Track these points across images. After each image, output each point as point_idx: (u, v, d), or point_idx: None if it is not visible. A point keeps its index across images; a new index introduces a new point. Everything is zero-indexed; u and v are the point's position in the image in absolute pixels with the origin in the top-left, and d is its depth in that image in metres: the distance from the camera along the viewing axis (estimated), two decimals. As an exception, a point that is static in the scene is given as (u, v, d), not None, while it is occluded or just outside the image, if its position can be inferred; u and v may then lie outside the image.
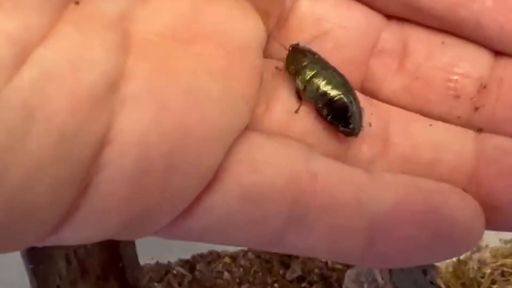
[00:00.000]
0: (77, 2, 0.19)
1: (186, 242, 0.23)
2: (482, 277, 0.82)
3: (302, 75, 0.24)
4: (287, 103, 0.24)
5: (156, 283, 0.90)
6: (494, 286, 0.83)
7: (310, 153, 0.23)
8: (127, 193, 0.20)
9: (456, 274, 0.82)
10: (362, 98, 0.25)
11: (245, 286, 0.88)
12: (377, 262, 0.24)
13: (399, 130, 0.25)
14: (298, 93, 0.25)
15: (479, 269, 0.82)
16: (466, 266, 0.82)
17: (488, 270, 0.81)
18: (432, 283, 0.74)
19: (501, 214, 0.23)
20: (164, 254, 0.92)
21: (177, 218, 0.21)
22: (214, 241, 0.23)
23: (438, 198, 0.23)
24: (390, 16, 0.26)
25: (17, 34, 0.17)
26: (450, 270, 0.82)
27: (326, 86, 0.24)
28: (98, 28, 0.19)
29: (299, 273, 0.86)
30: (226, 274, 0.88)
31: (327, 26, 0.25)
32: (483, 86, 0.25)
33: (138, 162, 0.20)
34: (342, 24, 0.25)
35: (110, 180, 0.19)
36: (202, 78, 0.21)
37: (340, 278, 0.86)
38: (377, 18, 0.26)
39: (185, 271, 0.89)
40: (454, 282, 0.81)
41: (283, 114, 0.24)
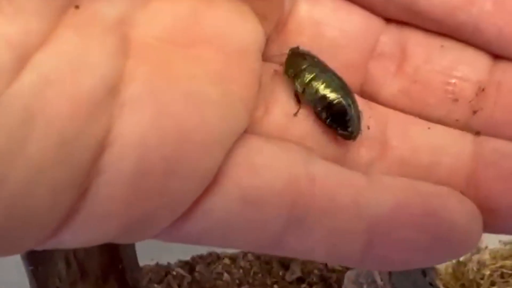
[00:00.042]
0: (77, 6, 0.19)
1: (185, 244, 0.24)
2: (482, 278, 0.82)
3: (301, 78, 0.24)
4: (286, 106, 0.25)
5: (155, 284, 0.90)
6: (493, 288, 0.83)
7: (309, 156, 0.23)
8: (127, 196, 0.20)
9: (455, 275, 0.82)
10: (361, 101, 0.25)
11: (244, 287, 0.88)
12: (376, 265, 0.24)
13: (398, 133, 0.25)
14: (297, 96, 0.25)
15: (479, 270, 0.82)
16: (465, 268, 0.82)
17: (487, 272, 0.81)
18: (431, 285, 0.74)
19: (499, 217, 0.23)
20: (163, 255, 0.92)
21: (176, 221, 0.22)
22: (214, 244, 0.23)
23: (437, 201, 0.23)
24: (389, 19, 0.26)
25: (17, 38, 0.17)
26: (450, 271, 0.82)
27: (325, 89, 0.24)
28: (98, 32, 0.19)
29: (299, 274, 0.86)
30: (226, 276, 0.87)
31: (326, 30, 0.25)
32: (482, 90, 0.25)
33: (138, 165, 0.20)
34: (341, 27, 0.25)
35: (110, 183, 0.19)
36: (201, 82, 0.21)
37: (339, 279, 0.86)
38: (376, 22, 0.26)
39: (184, 272, 0.89)
40: (453, 284, 0.81)
41: (282, 117, 0.24)
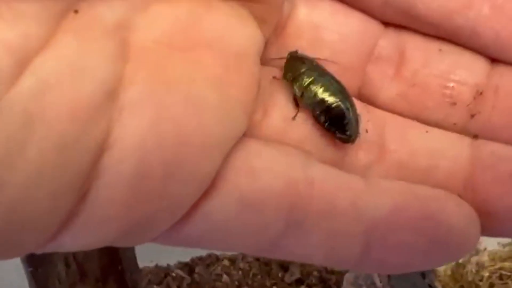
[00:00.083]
0: (76, 11, 0.19)
1: (185, 247, 0.24)
2: (481, 280, 0.82)
3: (300, 82, 0.25)
4: (285, 110, 0.25)
5: (155, 286, 0.90)
6: (492, 289, 0.83)
7: (307, 159, 0.23)
8: (126, 199, 0.20)
9: (454, 277, 0.82)
10: (359, 105, 0.25)
11: (244, 289, 0.88)
12: (374, 268, 0.24)
13: (396, 136, 0.25)
14: (296, 99, 0.25)
15: (477, 272, 0.82)
16: (464, 269, 0.82)
17: (486, 273, 0.81)
18: (430, 286, 0.74)
19: (496, 220, 0.23)
20: (163, 257, 0.92)
21: (175, 224, 0.22)
22: (212, 247, 0.23)
23: (434, 204, 0.23)
24: (387, 23, 0.26)
25: (16, 43, 0.17)
26: (449, 273, 0.82)
27: (324, 93, 0.24)
28: (97, 36, 0.19)
29: (298, 275, 0.86)
30: (225, 277, 0.87)
31: (325, 34, 0.25)
32: (479, 93, 0.25)
33: (137, 168, 0.20)
34: (339, 31, 0.25)
35: (109, 186, 0.20)
36: (200, 86, 0.21)
37: (339, 281, 0.86)
38: (374, 25, 0.26)
39: (184, 274, 0.89)
40: (452, 285, 0.81)
41: (281, 120, 0.24)
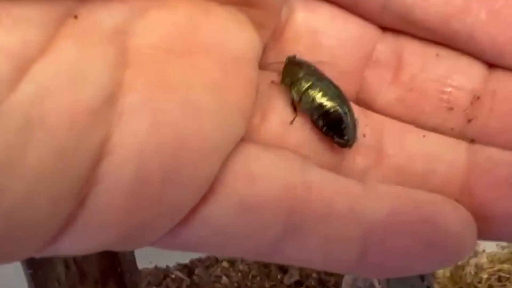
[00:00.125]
0: (75, 16, 0.19)
1: (183, 251, 0.24)
2: (479, 282, 0.82)
3: (298, 87, 0.25)
4: (283, 114, 0.25)
5: (154, 287, 0.90)
6: (491, 291, 0.83)
7: (306, 164, 0.23)
8: (126, 204, 0.20)
9: (453, 279, 0.82)
10: (357, 110, 0.25)
11: (243, 291, 0.88)
12: (371, 272, 0.24)
13: (393, 141, 0.25)
14: (294, 104, 0.25)
15: (476, 274, 0.81)
16: (463, 271, 0.82)
17: (485, 275, 0.81)
18: (429, 288, 0.74)
19: (493, 224, 0.24)
20: (162, 258, 0.92)
21: (174, 228, 0.22)
22: (211, 251, 0.24)
23: (431, 208, 0.23)
24: (385, 28, 0.26)
25: (16, 49, 0.18)
26: (447, 275, 0.82)
27: (322, 98, 0.24)
28: (96, 42, 0.19)
29: (297, 277, 0.86)
30: (224, 279, 0.87)
31: (323, 38, 0.25)
32: (477, 98, 0.25)
33: (136, 174, 0.20)
34: (337, 36, 0.25)
35: (108, 191, 0.20)
36: (198, 91, 0.21)
37: (337, 283, 0.86)
38: (372, 30, 0.26)
39: (183, 276, 0.89)
40: (451, 287, 0.81)
41: (279, 125, 0.24)
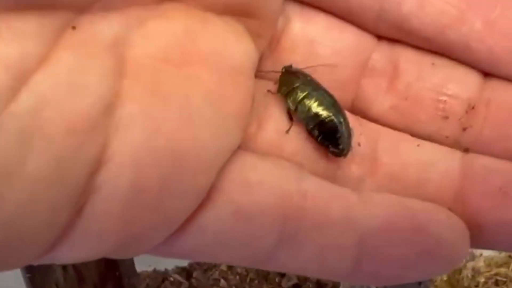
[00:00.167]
0: (74, 27, 0.20)
1: (179, 258, 0.24)
2: (476, 285, 0.82)
3: (294, 96, 0.25)
4: (279, 123, 0.25)
5: (153, 290, 0.90)
6: (488, 295, 0.83)
7: (301, 172, 0.24)
8: (123, 212, 0.20)
9: (450, 282, 0.82)
10: (352, 118, 0.25)
11: (241, 293, 0.88)
12: (366, 280, 0.24)
13: (388, 150, 0.25)
14: (290, 113, 0.25)
15: (473, 277, 0.82)
16: (460, 275, 0.82)
17: (482, 279, 0.81)
18: (426, 292, 0.75)
19: (486, 233, 0.24)
20: (161, 261, 0.92)
21: (170, 236, 0.22)
22: (207, 259, 0.24)
23: (425, 217, 0.23)
24: (381, 37, 0.26)
25: (15, 60, 0.18)
26: (445, 279, 0.82)
27: (317, 108, 0.25)
28: (95, 52, 0.20)
29: (295, 281, 0.86)
30: (223, 282, 0.87)
31: (319, 48, 0.26)
32: (472, 107, 0.25)
33: (134, 182, 0.20)
34: (333, 45, 0.26)
35: (106, 199, 0.20)
36: (195, 101, 0.21)
37: (336, 286, 0.86)
38: (368, 39, 0.26)
39: (182, 279, 0.89)
40: (448, 291, 0.82)
41: (275, 134, 0.25)
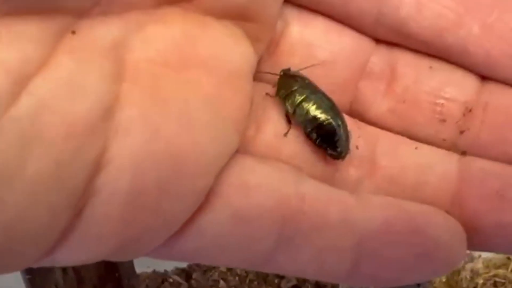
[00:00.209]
0: (73, 32, 0.20)
1: (178, 261, 0.24)
2: (475, 287, 0.82)
3: (292, 99, 0.25)
4: (277, 126, 0.25)
5: (152, 291, 0.90)
6: (487, 296, 0.83)
7: (299, 175, 0.24)
8: (122, 215, 0.20)
9: (449, 284, 0.82)
10: (350, 121, 0.26)
11: (240, 295, 0.88)
12: (364, 283, 0.24)
13: (386, 152, 0.25)
14: (288, 116, 0.25)
15: (472, 279, 0.82)
16: (459, 276, 0.82)
17: (480, 280, 0.81)
18: (425, 293, 0.75)
19: (483, 235, 0.24)
20: (160, 262, 0.92)
21: (169, 239, 0.22)
22: (206, 261, 0.24)
23: (422, 219, 0.23)
24: (379, 40, 0.26)
25: (15, 64, 0.18)
26: (443, 280, 0.82)
27: (315, 111, 0.25)
28: (94, 56, 0.20)
29: (294, 282, 0.86)
30: (222, 283, 0.87)
31: (318, 51, 0.26)
32: (469, 110, 0.25)
33: (133, 185, 0.20)
34: (332, 49, 0.26)
35: (105, 203, 0.20)
36: (194, 104, 0.21)
37: (335, 287, 0.86)
38: (366, 43, 0.26)
39: (181, 280, 0.89)
40: (447, 292, 0.82)
41: (273, 137, 0.25)
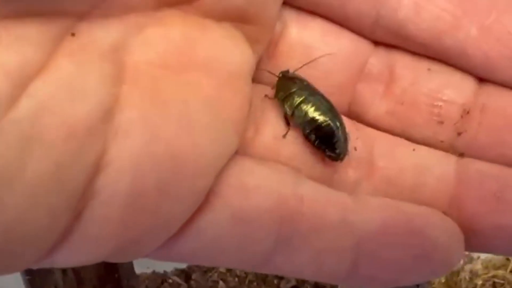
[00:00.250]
0: (73, 34, 0.20)
1: (178, 262, 0.24)
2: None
3: (291, 101, 0.25)
4: (276, 128, 0.25)
5: (152, 292, 0.90)
6: (486, 297, 0.83)
7: (298, 177, 0.24)
8: (121, 217, 0.20)
9: (448, 285, 0.82)
10: (348, 123, 0.26)
11: (240, 296, 0.88)
12: (362, 283, 0.24)
13: (384, 154, 0.25)
14: (286, 118, 0.25)
15: (471, 280, 0.82)
16: (458, 277, 0.82)
17: (479, 281, 0.81)
18: (424, 294, 0.75)
19: (481, 237, 0.24)
20: (160, 263, 0.92)
21: (169, 240, 0.22)
22: (205, 262, 0.24)
23: (420, 221, 0.24)
24: (377, 42, 0.26)
25: (15, 67, 0.18)
26: (443, 281, 0.82)
27: (314, 112, 0.25)
28: (94, 59, 0.20)
29: (294, 283, 0.86)
30: (221, 284, 0.87)
31: (316, 53, 0.26)
32: (467, 112, 0.25)
33: (132, 187, 0.20)
34: (330, 51, 0.26)
35: (104, 204, 0.20)
36: (193, 106, 0.22)
37: (334, 288, 0.86)
38: (364, 45, 0.26)
39: (180, 281, 0.89)
40: (446, 293, 0.82)
41: (272, 138, 0.25)
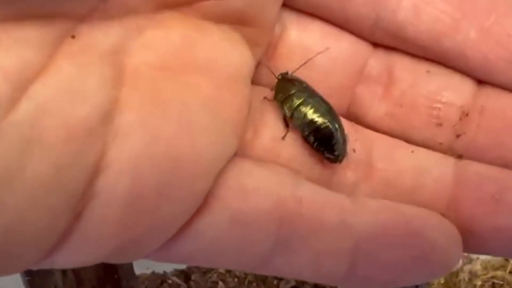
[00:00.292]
0: (73, 36, 0.20)
1: (177, 263, 0.24)
2: (473, 288, 0.82)
3: (290, 103, 0.25)
4: (275, 130, 0.25)
5: (151, 293, 0.90)
6: (485, 298, 0.83)
7: (297, 179, 0.24)
8: (121, 218, 0.21)
9: (447, 285, 0.82)
10: (347, 125, 0.26)
11: (239, 296, 0.88)
12: (361, 284, 0.24)
13: (383, 156, 0.25)
14: (285, 120, 0.25)
15: (470, 280, 0.82)
16: (457, 278, 0.82)
17: (479, 282, 0.81)
18: (423, 295, 0.75)
19: (479, 239, 0.24)
20: (159, 264, 0.92)
21: (168, 241, 0.22)
22: (204, 263, 0.24)
23: (419, 222, 0.24)
24: (377, 44, 0.26)
25: (15, 69, 0.18)
26: (442, 282, 0.82)
27: (313, 114, 0.25)
28: (94, 61, 0.20)
29: (293, 283, 0.86)
30: (221, 284, 0.87)
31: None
32: (465, 114, 0.25)
33: (132, 188, 0.20)
34: (329, 53, 0.26)
35: (104, 205, 0.20)
36: (193, 108, 0.22)
37: (333, 289, 0.86)
38: (364, 47, 0.26)
39: (180, 281, 0.89)
40: (445, 294, 0.82)
41: (271, 140, 0.25)
